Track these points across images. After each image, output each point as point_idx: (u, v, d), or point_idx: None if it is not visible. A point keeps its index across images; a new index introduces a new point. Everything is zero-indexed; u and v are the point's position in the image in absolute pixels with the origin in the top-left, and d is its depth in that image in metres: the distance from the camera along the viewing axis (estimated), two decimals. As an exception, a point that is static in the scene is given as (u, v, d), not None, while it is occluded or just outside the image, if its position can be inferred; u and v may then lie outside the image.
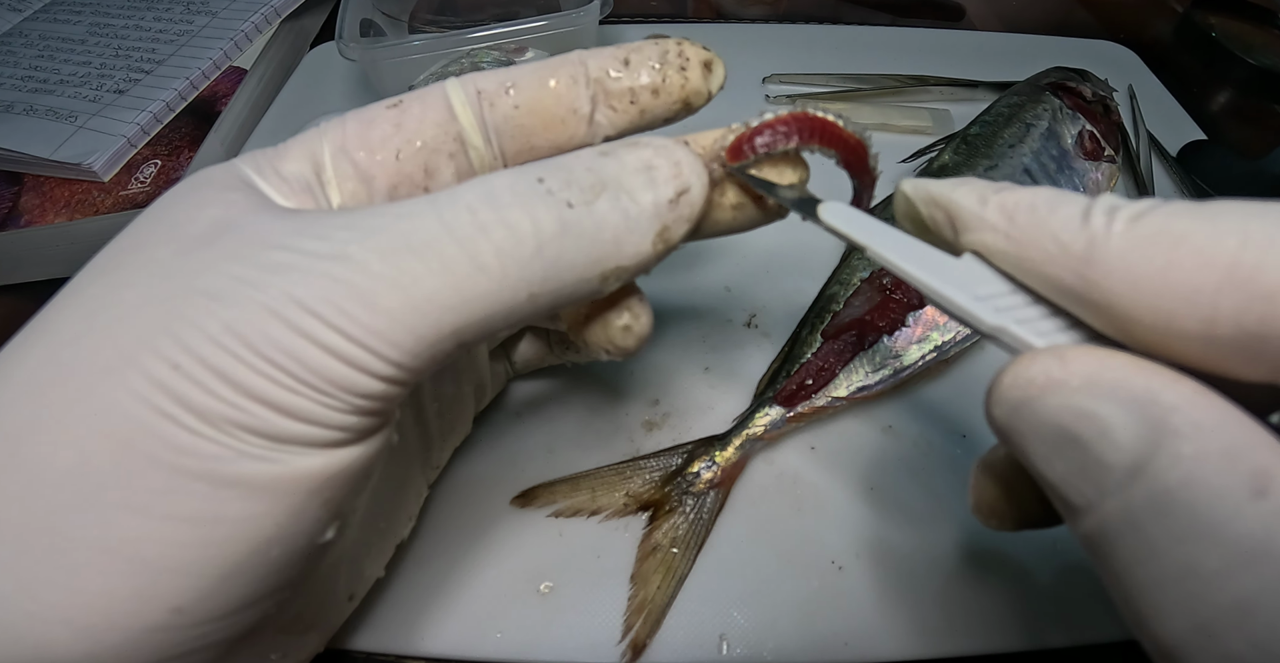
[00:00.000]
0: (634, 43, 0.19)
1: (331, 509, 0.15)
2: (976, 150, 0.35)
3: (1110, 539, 0.12)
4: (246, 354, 0.13)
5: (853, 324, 0.30)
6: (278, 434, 0.14)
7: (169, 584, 0.13)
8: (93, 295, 0.15)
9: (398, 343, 0.14)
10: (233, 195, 0.16)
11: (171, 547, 0.13)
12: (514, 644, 0.24)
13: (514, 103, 0.18)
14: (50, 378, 0.14)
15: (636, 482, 0.27)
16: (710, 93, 0.19)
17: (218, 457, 0.13)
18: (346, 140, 0.18)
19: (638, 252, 0.16)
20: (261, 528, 0.14)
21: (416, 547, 0.26)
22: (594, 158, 0.16)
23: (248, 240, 0.14)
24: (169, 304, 0.14)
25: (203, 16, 0.48)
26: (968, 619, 0.25)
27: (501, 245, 0.14)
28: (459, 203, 0.15)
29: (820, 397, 0.29)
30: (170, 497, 0.13)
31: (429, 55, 0.39)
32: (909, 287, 0.30)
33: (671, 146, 0.17)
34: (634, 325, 0.19)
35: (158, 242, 0.15)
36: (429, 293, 0.14)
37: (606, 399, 0.30)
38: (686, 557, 0.26)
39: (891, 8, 0.58)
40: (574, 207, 0.15)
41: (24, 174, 0.40)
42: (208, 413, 0.13)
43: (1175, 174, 0.41)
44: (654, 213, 0.16)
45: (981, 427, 0.30)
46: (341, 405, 0.14)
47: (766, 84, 0.47)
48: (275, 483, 0.14)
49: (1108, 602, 0.25)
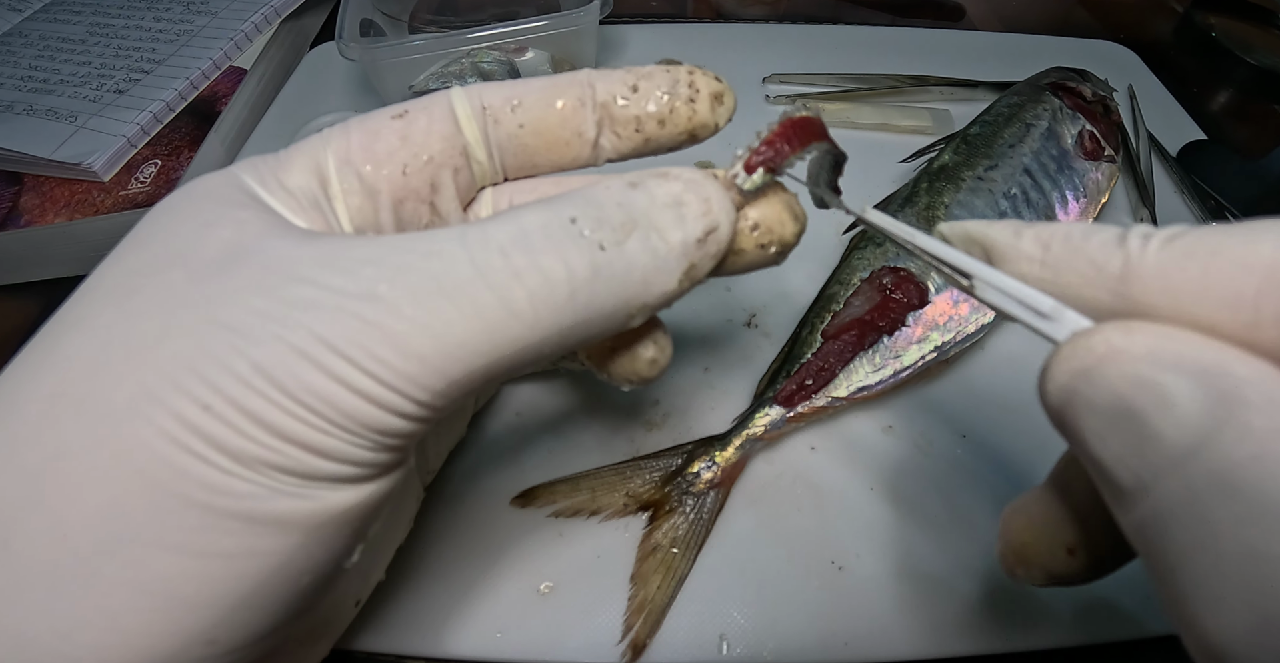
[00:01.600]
0: (645, 68, 0.18)
1: (358, 537, 0.16)
2: (976, 150, 0.35)
3: (1165, 524, 0.11)
4: (278, 396, 0.13)
5: (853, 324, 0.30)
6: (309, 473, 0.14)
7: (205, 619, 0.13)
8: (106, 324, 0.14)
9: (427, 386, 0.14)
10: (243, 214, 0.16)
11: (206, 583, 0.13)
12: (514, 644, 0.24)
13: (519, 121, 0.18)
14: (69, 412, 0.13)
15: (636, 482, 0.27)
16: (718, 126, 0.19)
17: (252, 496, 0.13)
18: (351, 152, 0.17)
19: (664, 290, 0.16)
20: (294, 561, 0.14)
21: (417, 547, 0.26)
22: (624, 191, 0.16)
23: (267, 270, 0.14)
24: (191, 339, 0.13)
25: (203, 16, 0.48)
26: (968, 619, 0.25)
27: (535, 291, 0.14)
28: (490, 244, 0.14)
29: (820, 397, 0.29)
30: (205, 535, 0.13)
31: (429, 55, 0.39)
32: (909, 286, 0.31)
33: (701, 181, 0.16)
34: (659, 358, 0.19)
35: (169, 265, 0.15)
36: (461, 339, 0.14)
37: (606, 399, 0.30)
38: (686, 557, 0.26)
39: (891, 8, 0.58)
40: (605, 249, 0.15)
41: (24, 174, 0.40)
42: (241, 454, 0.13)
43: (1175, 174, 0.41)
44: (682, 253, 0.16)
45: (981, 427, 0.30)
46: (369, 444, 0.14)
47: (766, 84, 0.47)
48: (308, 519, 0.14)
49: (1107, 602, 0.25)
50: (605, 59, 0.49)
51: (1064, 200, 0.34)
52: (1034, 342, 0.34)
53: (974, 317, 0.31)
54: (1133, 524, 0.12)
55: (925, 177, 0.35)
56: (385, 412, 0.14)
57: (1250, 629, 0.10)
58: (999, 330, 0.33)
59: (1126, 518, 0.12)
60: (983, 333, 0.31)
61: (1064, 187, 0.34)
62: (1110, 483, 0.12)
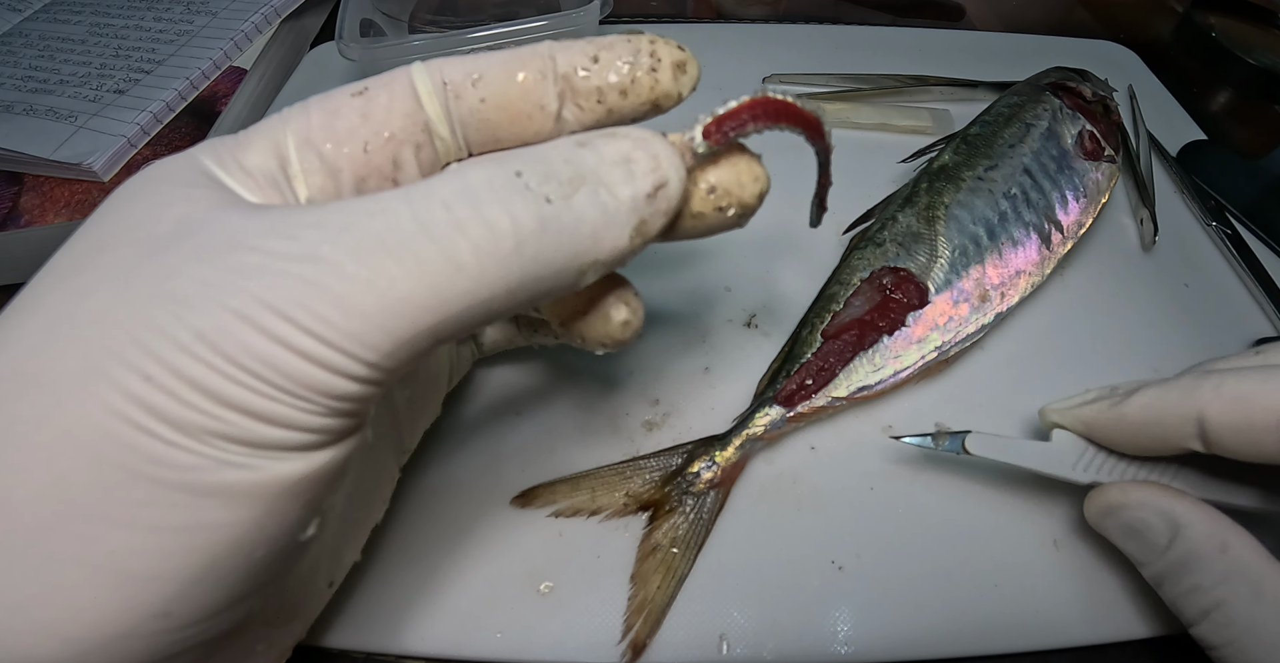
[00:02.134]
0: (606, 37, 0.18)
1: (312, 508, 0.15)
2: (976, 150, 0.35)
3: (1160, 579, 0.22)
4: (220, 363, 0.13)
5: (853, 324, 0.30)
6: (256, 441, 0.14)
7: (155, 592, 0.13)
8: (54, 302, 0.14)
9: (374, 345, 0.14)
10: (196, 192, 0.15)
11: (156, 556, 0.13)
12: (514, 644, 0.24)
13: (480, 96, 0.18)
14: (14, 391, 0.13)
15: (636, 482, 0.27)
16: (681, 95, 0.19)
17: (197, 467, 0.13)
18: (311, 131, 0.17)
19: (615, 246, 0.16)
20: (245, 532, 0.14)
21: (416, 547, 0.26)
22: (572, 149, 0.16)
23: (214, 241, 0.14)
24: (135, 311, 0.13)
25: (203, 16, 0.48)
26: (968, 620, 0.25)
27: (479, 244, 0.14)
28: (434, 199, 0.14)
29: (820, 397, 0.29)
30: (151, 508, 0.13)
31: (429, 55, 0.39)
32: (909, 286, 0.31)
33: (650, 139, 0.17)
34: (632, 319, 0.20)
35: (119, 243, 0.15)
36: (405, 294, 0.14)
37: (607, 399, 0.30)
38: (686, 557, 0.26)
39: (891, 8, 0.58)
40: (552, 202, 0.15)
41: (24, 174, 0.40)
42: (184, 424, 0.13)
43: (1175, 174, 0.41)
44: (632, 207, 0.16)
45: (981, 427, 0.30)
46: (318, 409, 0.14)
47: (766, 84, 0.47)
48: (256, 488, 0.14)
49: (1107, 603, 0.25)
50: (605, 59, 0.49)
51: (1064, 200, 0.34)
52: (1034, 341, 0.34)
53: (974, 317, 0.31)
54: (1147, 577, 0.23)
55: (925, 176, 0.35)
56: (331, 373, 0.14)
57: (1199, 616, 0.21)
58: (999, 330, 0.33)
59: (1145, 573, 0.23)
60: (983, 333, 0.31)
61: (1064, 186, 0.34)
62: (1133, 558, 0.24)
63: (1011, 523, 0.27)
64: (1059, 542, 0.26)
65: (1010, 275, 0.32)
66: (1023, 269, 0.32)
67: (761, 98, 0.18)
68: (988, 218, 0.33)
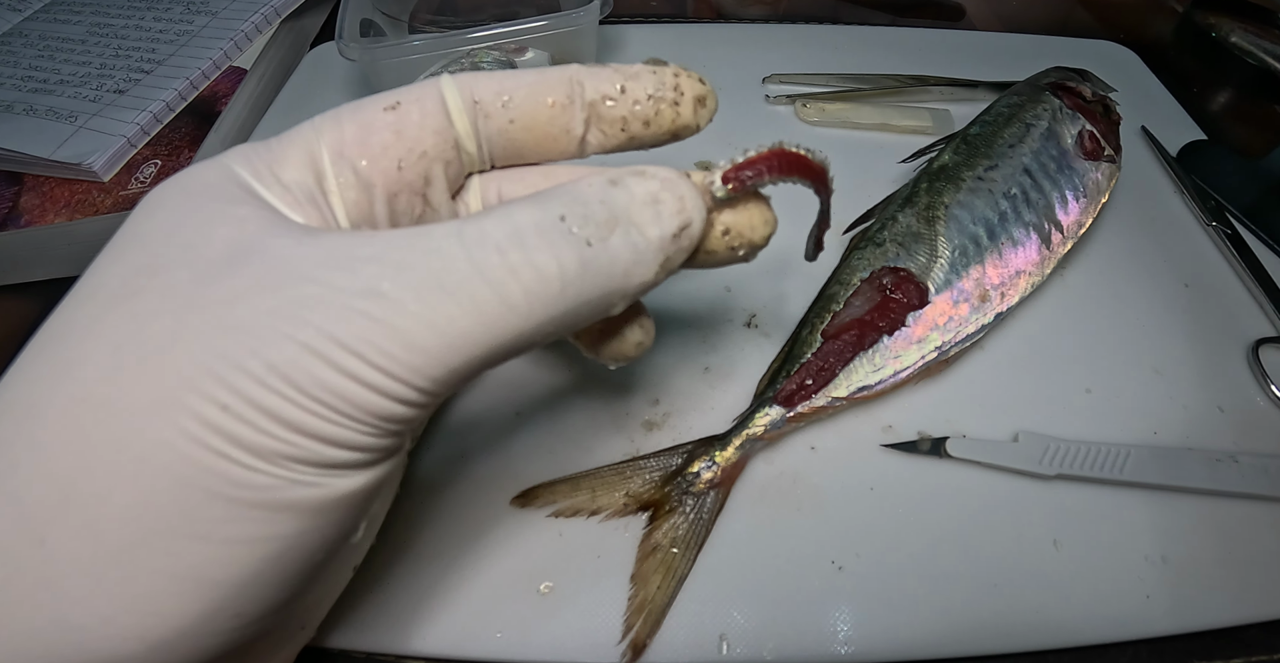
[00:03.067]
0: (633, 67, 0.19)
1: (363, 514, 0.17)
2: (976, 150, 0.35)
3: None
4: (293, 393, 0.14)
5: (853, 324, 0.30)
6: (323, 461, 0.15)
7: (232, 597, 0.15)
8: (114, 326, 0.15)
9: (431, 375, 0.15)
10: (242, 210, 0.16)
11: (232, 565, 0.14)
12: (514, 644, 0.24)
13: (509, 117, 0.19)
14: (90, 417, 0.14)
15: (636, 482, 0.27)
16: (699, 127, 0.20)
17: (272, 487, 0.14)
18: (346, 146, 0.18)
19: (643, 281, 0.17)
20: (310, 540, 0.15)
21: (416, 547, 0.26)
22: (605, 188, 0.17)
23: (271, 269, 0.15)
24: (203, 340, 0.14)
25: (203, 16, 0.48)
26: (968, 620, 0.25)
27: (530, 286, 0.15)
28: (488, 242, 0.15)
29: (820, 397, 0.29)
30: (229, 524, 0.14)
31: (429, 55, 0.39)
32: (909, 286, 0.31)
33: (676, 180, 0.18)
34: (645, 340, 0.22)
35: (172, 264, 0.15)
36: (462, 331, 0.15)
37: (606, 399, 0.30)
38: (686, 557, 0.26)
39: (891, 8, 0.58)
40: (592, 245, 0.16)
41: (24, 174, 0.40)
42: (260, 449, 0.14)
43: (1175, 174, 0.41)
44: (659, 246, 0.17)
45: (981, 427, 0.30)
46: (378, 431, 0.15)
47: (766, 84, 0.46)
48: (322, 503, 0.15)
49: (1107, 603, 0.25)
50: (605, 59, 0.49)
51: (1064, 200, 0.34)
52: (1034, 341, 0.34)
53: (974, 317, 0.31)
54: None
55: (925, 176, 0.35)
56: (392, 401, 0.15)
57: None
58: (999, 330, 0.33)
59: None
60: (983, 333, 0.31)
61: (1064, 186, 0.34)
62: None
63: (1011, 523, 0.27)
64: (1059, 542, 0.26)
65: (1010, 275, 0.32)
66: (1023, 269, 0.32)
67: (778, 150, 0.18)
68: (988, 218, 0.33)
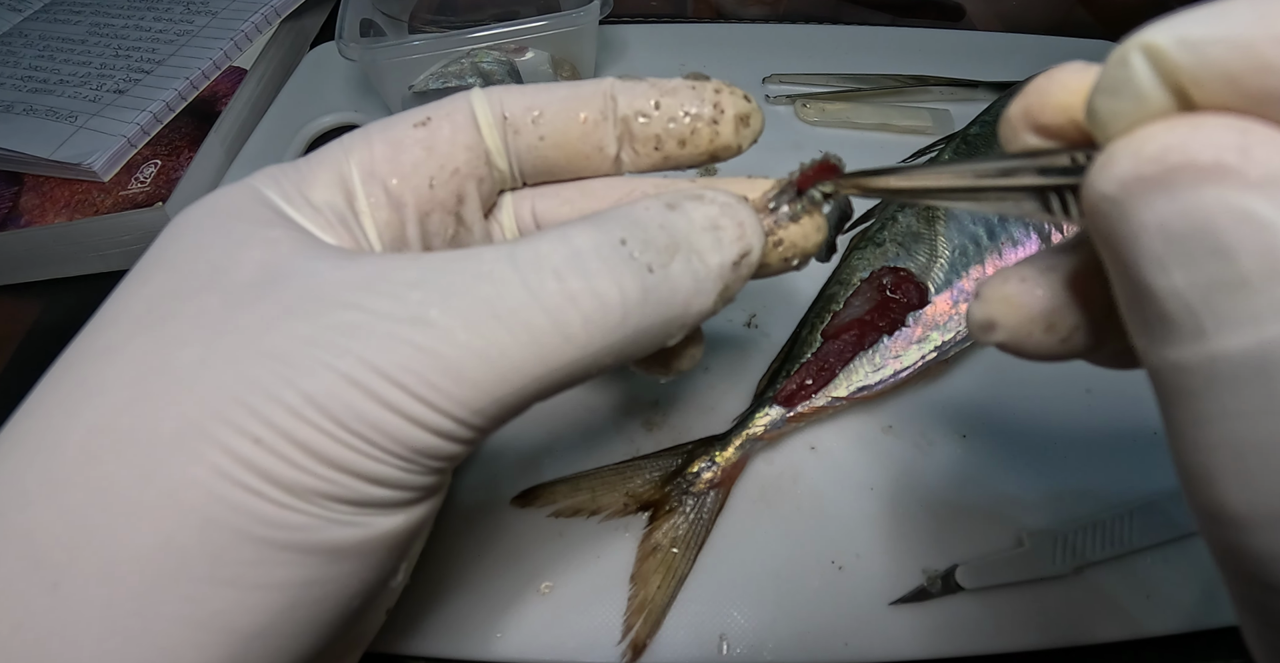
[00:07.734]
0: (671, 82, 0.18)
1: (403, 556, 0.16)
2: (976, 150, 0.35)
3: (1212, 381, 0.09)
4: (331, 427, 0.13)
5: (853, 324, 0.30)
6: (363, 500, 0.14)
7: (260, 648, 0.13)
8: (139, 352, 0.14)
9: (480, 410, 0.14)
10: (273, 233, 0.15)
11: (262, 614, 0.13)
12: (514, 644, 0.24)
13: (540, 133, 0.18)
14: (110, 448, 0.13)
15: (636, 482, 0.27)
16: (741, 148, 0.18)
17: (307, 527, 0.13)
18: (375, 164, 0.17)
19: (701, 310, 0.16)
20: (347, 585, 0.14)
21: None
22: (664, 213, 0.16)
23: (309, 295, 0.14)
24: (235, 369, 0.13)
25: (203, 16, 0.48)
26: (967, 620, 0.25)
27: (590, 315, 0.14)
28: (544, 267, 0.14)
29: (820, 397, 0.29)
30: (260, 567, 0.13)
31: (429, 55, 0.39)
32: (909, 286, 0.31)
33: (736, 206, 0.16)
34: (698, 354, 0.21)
35: (201, 288, 0.14)
36: (515, 363, 0.14)
37: (606, 400, 0.30)
38: (686, 557, 0.26)
39: (891, 8, 0.58)
40: (654, 272, 0.15)
41: (24, 174, 0.39)
42: (295, 486, 0.13)
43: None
44: (719, 275, 0.16)
45: (981, 427, 0.30)
46: (421, 469, 0.14)
47: (766, 84, 0.46)
48: (361, 545, 0.14)
49: (1107, 602, 0.25)
50: (605, 59, 0.49)
51: (1064, 200, 0.34)
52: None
53: (974, 317, 0.31)
54: (1166, 365, 0.10)
55: (925, 176, 0.35)
56: (437, 436, 0.14)
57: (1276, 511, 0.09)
58: (999, 330, 0.33)
59: (1159, 355, 0.10)
60: (983, 333, 0.31)
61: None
62: (1152, 313, 0.10)
63: (1011, 523, 0.27)
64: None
65: (1010, 275, 0.32)
66: (1023, 269, 0.32)
67: (824, 163, 0.17)
68: (987, 218, 0.33)
